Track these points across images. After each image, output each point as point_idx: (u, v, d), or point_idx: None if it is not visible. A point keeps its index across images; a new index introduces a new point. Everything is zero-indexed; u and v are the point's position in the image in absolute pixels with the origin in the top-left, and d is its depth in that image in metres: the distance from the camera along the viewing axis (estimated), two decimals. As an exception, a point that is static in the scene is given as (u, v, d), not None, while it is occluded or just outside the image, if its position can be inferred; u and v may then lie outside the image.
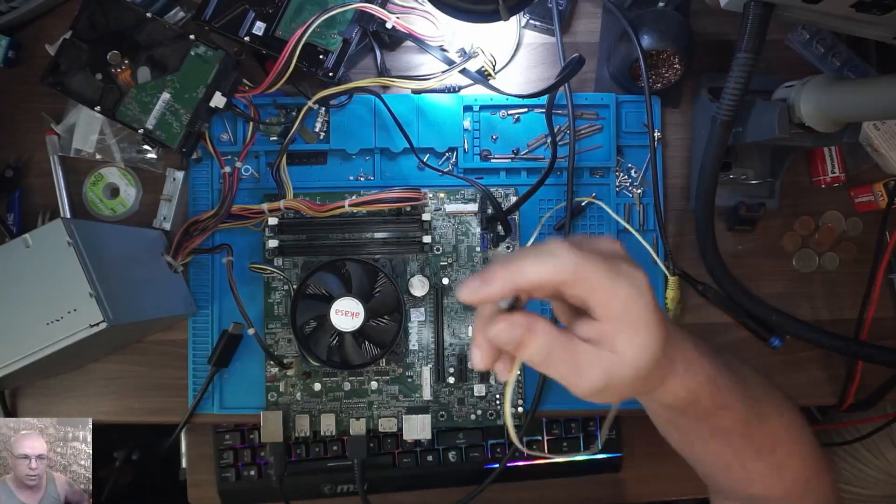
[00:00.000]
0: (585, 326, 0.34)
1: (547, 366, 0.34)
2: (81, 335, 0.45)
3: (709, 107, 0.61)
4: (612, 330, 0.33)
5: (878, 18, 0.44)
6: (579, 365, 0.33)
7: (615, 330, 0.33)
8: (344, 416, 0.61)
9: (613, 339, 0.33)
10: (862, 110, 0.48)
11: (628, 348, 0.33)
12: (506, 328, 0.33)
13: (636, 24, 0.57)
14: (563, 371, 0.34)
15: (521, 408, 0.62)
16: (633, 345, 0.33)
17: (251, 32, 0.57)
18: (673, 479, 0.82)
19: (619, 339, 0.33)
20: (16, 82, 0.62)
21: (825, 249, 0.64)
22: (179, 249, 0.58)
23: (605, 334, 0.33)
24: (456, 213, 0.62)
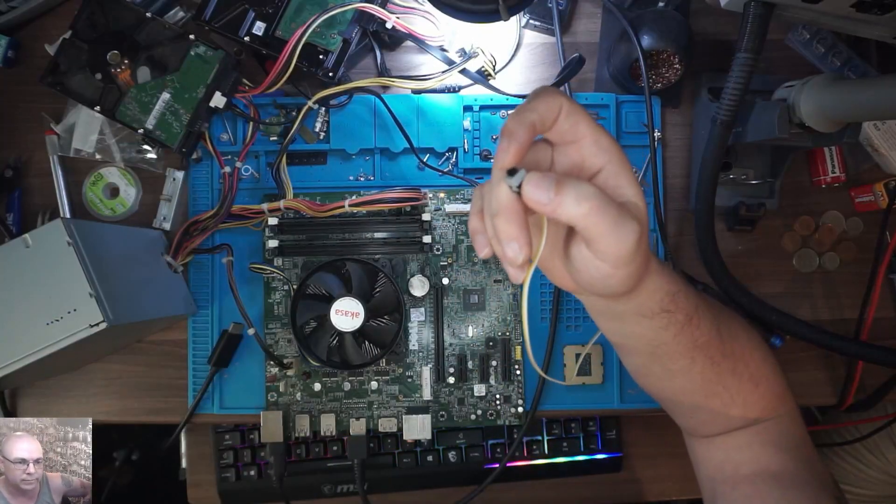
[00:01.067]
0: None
1: (585, 218, 0.30)
2: (81, 335, 0.45)
3: (709, 107, 0.61)
4: (616, 176, 0.33)
5: (879, 18, 0.44)
6: (620, 214, 0.31)
7: (618, 174, 0.33)
8: (344, 416, 0.61)
9: (619, 185, 0.33)
10: (862, 110, 0.48)
11: (635, 190, 0.33)
12: (538, 181, 0.30)
13: (636, 24, 0.57)
14: (605, 224, 0.31)
15: (521, 408, 0.62)
16: (635, 190, 0.33)
17: (251, 32, 0.57)
18: (673, 479, 0.82)
19: (625, 185, 0.33)
20: (15, 82, 0.62)
21: (825, 249, 0.64)
22: (179, 249, 0.58)
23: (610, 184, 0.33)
24: (456, 213, 0.62)
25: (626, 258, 0.32)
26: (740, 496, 0.45)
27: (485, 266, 0.62)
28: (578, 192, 0.30)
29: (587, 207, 0.30)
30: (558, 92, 0.33)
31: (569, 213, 0.30)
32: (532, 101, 0.33)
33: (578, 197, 0.30)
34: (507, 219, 0.32)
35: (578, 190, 0.30)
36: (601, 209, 0.30)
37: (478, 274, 0.62)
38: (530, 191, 0.31)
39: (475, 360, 0.61)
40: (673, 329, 0.40)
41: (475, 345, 0.62)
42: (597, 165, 0.34)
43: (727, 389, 0.44)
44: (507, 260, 0.33)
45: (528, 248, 0.32)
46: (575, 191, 0.30)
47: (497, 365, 0.61)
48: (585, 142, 0.33)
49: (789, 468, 0.45)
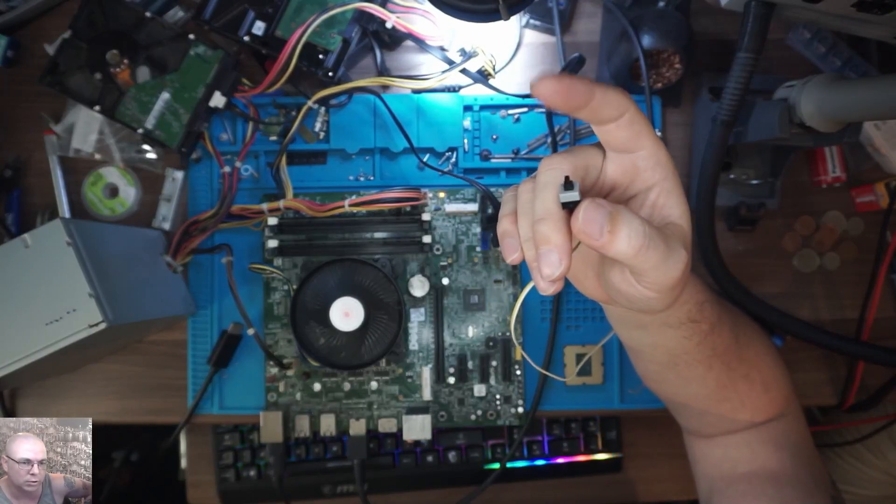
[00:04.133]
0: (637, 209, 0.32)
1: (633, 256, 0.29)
2: (81, 335, 0.45)
3: (709, 106, 0.61)
4: (666, 194, 0.31)
5: (879, 18, 0.44)
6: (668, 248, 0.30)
7: (668, 192, 0.31)
8: (344, 417, 0.61)
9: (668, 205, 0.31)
10: (863, 110, 0.48)
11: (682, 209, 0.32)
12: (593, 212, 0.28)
13: (636, 23, 0.57)
14: (653, 259, 0.29)
15: (521, 408, 0.61)
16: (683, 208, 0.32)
17: (251, 32, 0.57)
18: (673, 480, 0.82)
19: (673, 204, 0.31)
20: (15, 82, 0.62)
21: (826, 249, 0.64)
22: (179, 249, 0.58)
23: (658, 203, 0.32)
24: (456, 213, 0.62)
25: (671, 287, 0.31)
26: (736, 493, 0.45)
27: (485, 266, 0.62)
28: (631, 231, 0.28)
29: (637, 247, 0.29)
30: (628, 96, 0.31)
31: (618, 251, 0.29)
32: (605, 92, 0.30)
33: (630, 236, 0.29)
34: (553, 227, 0.30)
35: (631, 228, 0.28)
36: (651, 246, 0.29)
37: (478, 274, 0.62)
38: (583, 223, 0.29)
39: (475, 361, 0.61)
40: (696, 338, 0.39)
41: (475, 345, 0.61)
42: (650, 181, 0.32)
43: (738, 394, 0.44)
44: (544, 271, 0.31)
45: (567, 260, 0.30)
46: (628, 229, 0.28)
47: (497, 365, 0.61)
48: (643, 154, 0.32)
49: (787, 467, 0.45)
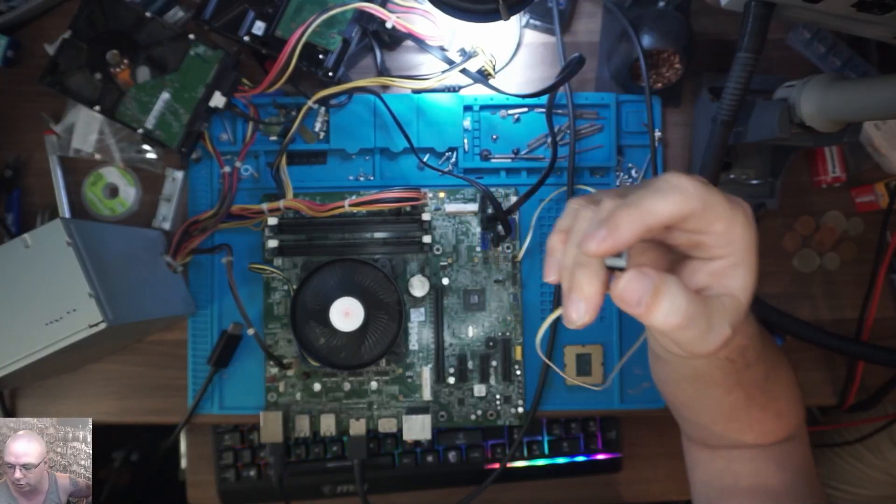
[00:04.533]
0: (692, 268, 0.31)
1: (672, 329, 0.29)
2: (81, 335, 0.45)
3: (709, 106, 0.61)
4: (733, 268, 0.30)
5: (879, 18, 0.44)
6: (709, 325, 0.29)
7: (735, 268, 0.30)
8: (344, 417, 0.61)
9: (731, 277, 0.30)
10: (863, 110, 0.48)
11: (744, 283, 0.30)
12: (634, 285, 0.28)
13: (636, 23, 0.57)
14: (691, 333, 0.29)
15: (521, 408, 0.61)
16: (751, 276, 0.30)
17: (251, 32, 0.57)
18: (673, 480, 0.82)
19: (736, 278, 0.30)
20: (15, 82, 0.62)
21: (826, 249, 0.64)
22: (179, 249, 0.58)
23: (721, 274, 0.31)
24: (456, 213, 0.62)
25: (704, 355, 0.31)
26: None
27: (485, 266, 0.62)
28: (671, 308, 0.28)
29: (674, 324, 0.28)
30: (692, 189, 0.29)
31: (652, 324, 0.29)
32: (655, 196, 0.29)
33: (669, 313, 0.28)
34: (589, 278, 0.29)
35: (672, 305, 0.28)
36: (690, 326, 0.28)
37: (478, 274, 0.62)
38: (623, 291, 0.28)
39: (475, 361, 0.61)
40: (727, 370, 0.38)
41: (475, 345, 0.61)
42: (717, 255, 0.31)
43: (749, 419, 0.44)
44: (570, 315, 0.30)
45: (593, 314, 0.30)
46: (669, 306, 0.28)
47: (497, 365, 0.61)
48: (715, 230, 0.30)
49: (790, 487, 0.45)
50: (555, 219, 0.62)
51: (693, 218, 0.29)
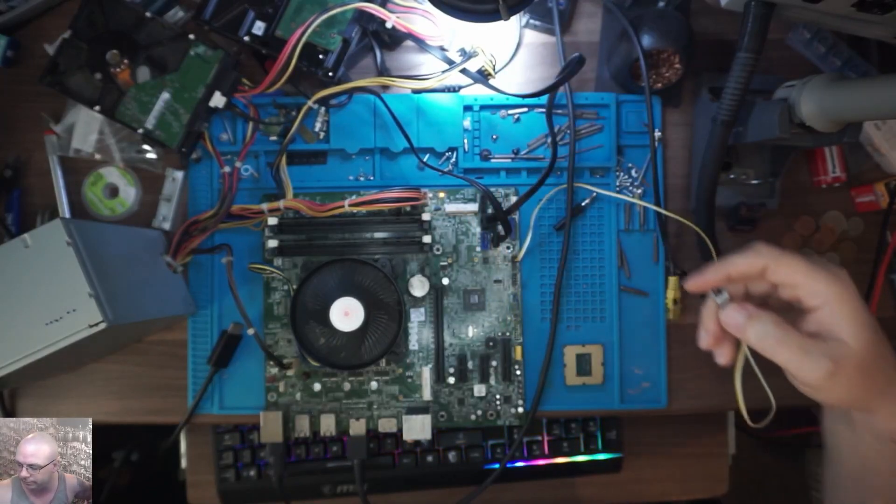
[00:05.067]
0: (806, 320, 0.38)
1: (768, 349, 0.38)
2: (81, 335, 0.45)
3: (709, 106, 0.61)
4: (830, 315, 0.37)
5: (879, 18, 0.44)
6: (803, 351, 0.37)
7: (832, 315, 0.37)
8: (344, 417, 0.61)
9: (833, 324, 0.37)
10: (863, 110, 0.48)
11: (850, 331, 0.36)
12: (731, 312, 0.40)
13: (636, 23, 0.57)
14: (785, 356, 0.37)
15: (521, 408, 0.62)
16: (855, 326, 0.36)
17: (251, 32, 0.57)
18: (673, 480, 0.82)
19: (838, 324, 0.37)
20: (15, 82, 0.62)
21: (826, 249, 0.64)
22: (179, 249, 0.58)
23: (825, 322, 0.37)
24: (456, 213, 0.62)
25: (815, 385, 0.37)
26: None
27: (485, 266, 0.62)
28: (759, 331, 0.38)
29: (764, 344, 0.38)
30: (766, 251, 0.40)
31: (752, 343, 0.39)
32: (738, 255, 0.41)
33: (758, 335, 0.38)
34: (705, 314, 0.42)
35: (760, 328, 0.38)
36: (781, 348, 0.37)
37: (478, 274, 0.62)
38: (723, 317, 0.40)
39: (475, 361, 0.61)
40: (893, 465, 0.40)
41: (475, 345, 0.62)
42: (813, 306, 0.38)
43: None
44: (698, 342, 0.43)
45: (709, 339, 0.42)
46: (757, 329, 0.38)
47: (497, 365, 0.61)
48: (801, 287, 0.38)
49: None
50: (554, 219, 0.62)
51: (770, 271, 0.39)
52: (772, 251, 0.39)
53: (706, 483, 0.82)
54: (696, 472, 0.82)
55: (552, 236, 0.62)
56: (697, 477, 0.82)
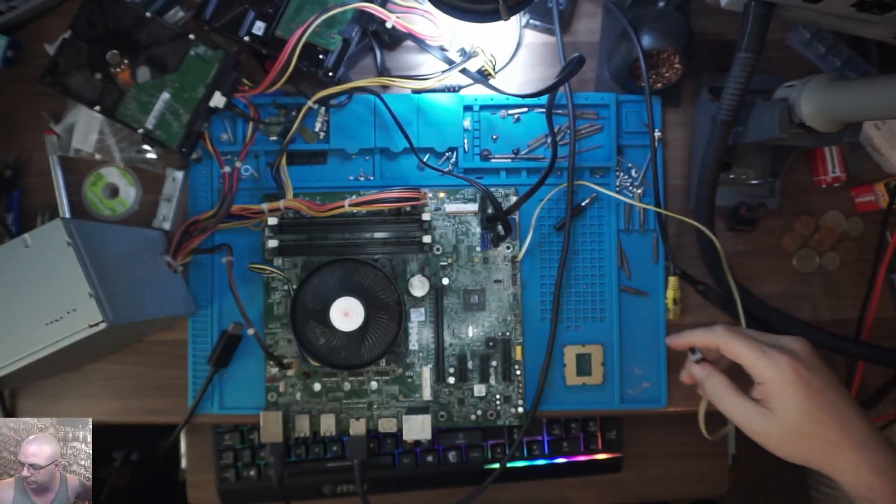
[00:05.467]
0: (756, 388, 0.46)
1: (717, 403, 0.48)
2: (81, 335, 0.45)
3: (709, 106, 0.61)
4: (768, 393, 0.45)
5: (879, 18, 0.44)
6: (742, 414, 0.46)
7: (769, 393, 0.45)
8: (344, 417, 0.61)
9: (770, 400, 0.45)
10: (863, 110, 0.48)
11: (782, 408, 0.44)
12: (693, 369, 0.50)
13: (636, 23, 0.57)
14: (728, 413, 0.47)
15: (521, 408, 0.62)
16: (787, 405, 0.44)
17: (251, 32, 0.57)
18: (673, 480, 0.82)
19: (773, 401, 0.44)
20: (15, 82, 0.62)
21: (826, 249, 0.64)
22: (179, 249, 0.58)
23: (765, 396, 0.45)
24: (456, 213, 0.62)
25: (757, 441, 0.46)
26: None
27: (485, 266, 0.62)
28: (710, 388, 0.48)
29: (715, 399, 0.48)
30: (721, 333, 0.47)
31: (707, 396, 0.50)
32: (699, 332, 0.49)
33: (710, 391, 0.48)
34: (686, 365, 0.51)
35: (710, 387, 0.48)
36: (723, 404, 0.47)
37: (478, 274, 0.62)
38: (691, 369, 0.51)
39: (475, 360, 0.61)
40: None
41: (475, 345, 0.62)
42: (757, 382, 0.46)
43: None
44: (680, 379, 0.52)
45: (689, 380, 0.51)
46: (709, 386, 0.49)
47: (497, 365, 0.61)
48: (747, 367, 0.46)
49: None
50: (554, 219, 0.62)
51: (723, 351, 0.47)
52: (725, 335, 0.47)
53: (706, 483, 0.82)
54: (696, 472, 0.82)
55: (552, 236, 0.62)
56: (697, 477, 0.82)
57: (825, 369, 0.45)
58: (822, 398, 0.44)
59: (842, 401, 0.44)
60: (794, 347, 0.46)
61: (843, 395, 0.45)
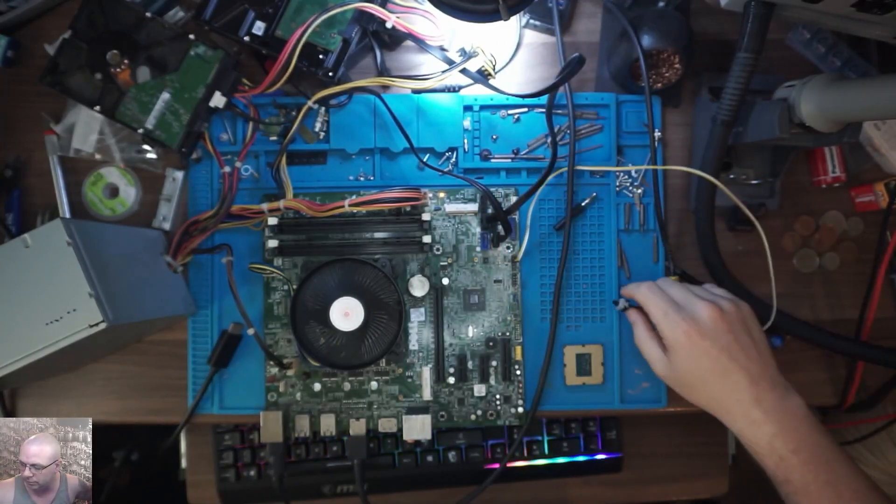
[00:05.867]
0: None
1: (637, 343, 0.56)
2: (81, 335, 0.45)
3: (709, 106, 0.61)
4: (667, 345, 0.52)
5: (879, 18, 0.44)
6: (649, 355, 0.54)
7: (668, 346, 0.52)
8: (344, 417, 0.61)
9: (669, 351, 0.52)
10: (862, 110, 0.48)
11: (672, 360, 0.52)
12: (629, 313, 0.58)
13: (636, 23, 0.57)
14: (642, 351, 0.55)
15: (521, 408, 0.62)
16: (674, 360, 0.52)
17: (251, 32, 0.57)
18: (673, 480, 0.82)
19: (669, 353, 0.52)
20: (15, 82, 0.62)
21: (826, 249, 0.64)
22: (179, 249, 0.58)
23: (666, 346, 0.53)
24: (456, 213, 0.62)
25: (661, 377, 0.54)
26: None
27: (485, 266, 0.62)
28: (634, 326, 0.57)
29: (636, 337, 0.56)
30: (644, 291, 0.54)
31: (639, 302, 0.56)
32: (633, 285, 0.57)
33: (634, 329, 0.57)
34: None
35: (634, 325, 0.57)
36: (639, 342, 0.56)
37: (478, 274, 0.62)
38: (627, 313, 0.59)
39: (475, 361, 0.61)
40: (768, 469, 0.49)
41: (475, 345, 0.62)
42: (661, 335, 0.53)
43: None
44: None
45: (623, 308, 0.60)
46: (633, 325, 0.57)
47: (497, 365, 0.61)
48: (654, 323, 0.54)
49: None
50: (554, 219, 0.62)
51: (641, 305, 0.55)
52: (645, 293, 0.54)
53: (706, 483, 0.82)
54: (696, 472, 0.82)
55: (552, 236, 0.62)
56: (697, 477, 0.82)
57: (727, 336, 0.50)
58: (710, 363, 0.50)
59: (733, 364, 0.49)
60: (700, 314, 0.50)
61: (737, 361, 0.49)
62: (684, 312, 0.51)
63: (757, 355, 0.50)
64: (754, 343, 0.51)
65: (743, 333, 0.50)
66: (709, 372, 0.50)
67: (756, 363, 0.50)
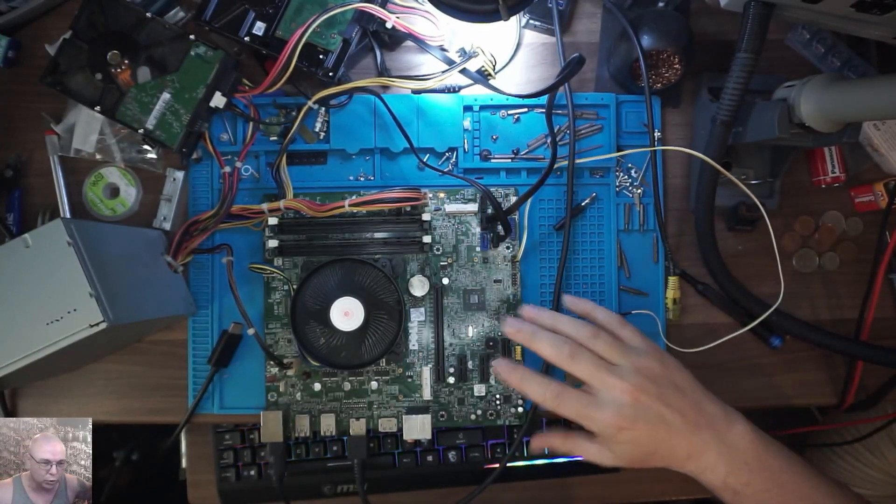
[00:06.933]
0: None
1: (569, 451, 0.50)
2: (81, 335, 0.45)
3: (709, 106, 0.61)
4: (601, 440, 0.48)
5: (879, 18, 0.44)
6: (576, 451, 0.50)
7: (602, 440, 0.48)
8: (344, 416, 0.61)
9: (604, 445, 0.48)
10: (862, 110, 0.48)
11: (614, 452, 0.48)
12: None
13: (636, 24, 0.57)
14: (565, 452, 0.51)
15: (521, 408, 0.62)
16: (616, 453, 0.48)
17: (251, 32, 0.57)
18: (671, 480, 0.82)
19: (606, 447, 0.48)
20: (15, 82, 0.62)
21: (825, 249, 0.64)
22: (179, 249, 0.58)
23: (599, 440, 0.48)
24: (456, 213, 0.62)
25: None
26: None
27: (485, 266, 0.62)
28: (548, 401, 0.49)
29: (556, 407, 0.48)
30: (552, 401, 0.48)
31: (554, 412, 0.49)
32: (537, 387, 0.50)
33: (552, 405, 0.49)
34: None
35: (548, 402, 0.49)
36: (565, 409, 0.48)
37: (478, 274, 0.62)
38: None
39: (475, 360, 0.61)
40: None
41: (475, 345, 0.62)
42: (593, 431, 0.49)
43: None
44: None
45: None
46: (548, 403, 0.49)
47: (497, 365, 0.61)
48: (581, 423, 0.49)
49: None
50: (554, 219, 0.62)
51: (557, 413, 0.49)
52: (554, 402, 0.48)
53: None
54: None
55: (552, 236, 0.62)
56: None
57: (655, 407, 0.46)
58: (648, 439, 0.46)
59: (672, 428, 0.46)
60: (620, 399, 0.46)
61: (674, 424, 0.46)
62: (602, 402, 0.46)
63: (689, 404, 0.47)
64: (682, 392, 0.47)
65: (668, 391, 0.47)
66: (650, 446, 0.47)
67: (691, 411, 0.47)
